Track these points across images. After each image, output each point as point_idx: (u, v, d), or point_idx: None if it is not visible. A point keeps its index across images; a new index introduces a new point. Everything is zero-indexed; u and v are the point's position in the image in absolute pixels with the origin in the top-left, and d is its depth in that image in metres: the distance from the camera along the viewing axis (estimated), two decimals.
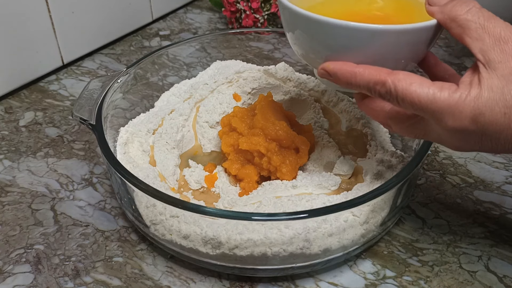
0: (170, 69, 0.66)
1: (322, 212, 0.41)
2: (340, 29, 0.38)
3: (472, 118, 0.35)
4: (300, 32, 0.42)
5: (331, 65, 0.40)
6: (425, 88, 0.36)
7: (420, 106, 0.36)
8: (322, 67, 0.40)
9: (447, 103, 0.35)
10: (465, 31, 0.37)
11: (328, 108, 0.60)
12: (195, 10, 0.96)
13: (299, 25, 0.41)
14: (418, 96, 0.36)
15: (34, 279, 0.46)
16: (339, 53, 0.40)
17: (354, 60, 0.39)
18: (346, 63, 0.39)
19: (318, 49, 0.41)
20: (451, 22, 0.38)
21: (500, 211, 0.52)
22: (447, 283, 0.45)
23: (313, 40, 0.41)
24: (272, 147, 0.50)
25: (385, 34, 0.38)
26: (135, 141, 0.54)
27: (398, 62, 0.40)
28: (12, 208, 0.53)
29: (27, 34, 0.69)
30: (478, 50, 0.36)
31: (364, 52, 0.39)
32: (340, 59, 0.40)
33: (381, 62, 0.39)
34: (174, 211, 0.43)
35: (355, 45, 0.39)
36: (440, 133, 0.38)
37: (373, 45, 0.39)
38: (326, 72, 0.40)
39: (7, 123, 0.66)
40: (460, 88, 0.36)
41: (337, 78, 0.40)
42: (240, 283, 0.45)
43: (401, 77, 0.36)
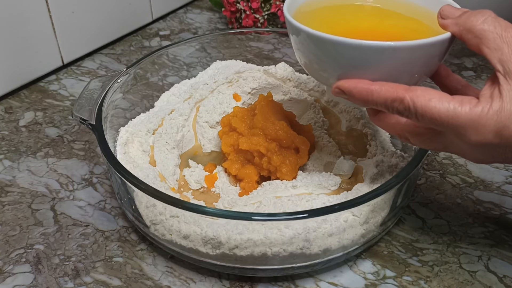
0: (170, 69, 0.66)
1: (322, 212, 0.41)
2: (354, 48, 0.38)
3: (496, 132, 0.35)
4: (312, 52, 0.42)
5: (346, 84, 0.39)
6: (445, 103, 0.35)
7: (441, 122, 0.36)
8: (337, 86, 0.40)
9: (469, 118, 0.35)
10: (483, 41, 0.36)
11: (328, 108, 0.60)
12: (195, 10, 0.96)
13: (311, 45, 0.41)
14: (438, 112, 0.35)
15: (34, 279, 0.46)
16: (352, 71, 0.39)
17: (368, 77, 0.39)
18: (361, 81, 0.39)
19: (331, 68, 0.41)
20: (467, 33, 0.37)
21: (500, 211, 0.52)
22: (447, 283, 0.45)
23: (326, 60, 0.41)
24: (272, 147, 0.50)
25: (400, 50, 0.38)
26: (135, 141, 0.54)
27: (412, 76, 0.40)
28: (12, 208, 0.53)
29: (27, 34, 0.69)
30: (497, 60, 0.35)
31: (379, 69, 0.39)
32: (353, 76, 0.39)
33: (395, 77, 0.39)
34: (174, 211, 0.43)
35: (369, 62, 0.38)
36: (462, 146, 0.37)
37: (388, 61, 0.38)
38: (341, 90, 0.40)
39: (7, 123, 0.66)
40: (481, 101, 0.35)
41: (353, 96, 0.39)
42: (240, 283, 0.45)
43: (420, 93, 0.36)
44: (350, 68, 0.39)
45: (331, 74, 0.42)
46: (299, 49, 0.43)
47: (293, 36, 0.43)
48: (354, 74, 0.39)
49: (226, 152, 0.52)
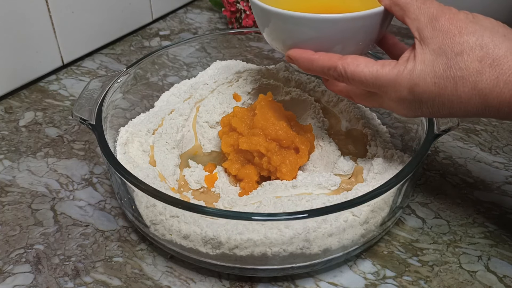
0: (170, 69, 0.66)
1: (322, 212, 0.41)
2: (297, 20, 0.43)
3: (409, 89, 0.40)
4: (267, 25, 0.47)
5: (293, 53, 0.45)
6: (369, 67, 0.41)
7: (367, 83, 0.41)
8: (287, 54, 0.46)
9: (388, 78, 0.40)
10: (406, 13, 0.41)
11: (328, 108, 0.60)
12: (195, 10, 0.96)
13: (265, 19, 0.47)
14: (364, 75, 0.41)
15: (34, 279, 0.46)
16: (300, 41, 0.45)
17: (316, 46, 0.44)
18: (305, 51, 0.45)
19: (281, 38, 0.47)
20: (395, 6, 0.42)
21: (500, 211, 0.52)
22: (447, 283, 0.45)
23: (277, 31, 0.46)
24: (272, 147, 0.50)
25: (338, 21, 0.43)
26: (135, 141, 0.54)
27: (357, 45, 0.45)
28: (12, 208, 0.53)
29: (27, 34, 0.69)
30: (415, 28, 0.40)
31: (323, 39, 0.44)
32: (302, 46, 0.45)
33: (342, 46, 0.44)
34: (174, 211, 0.43)
35: (312, 34, 0.44)
36: (389, 103, 0.43)
37: (329, 32, 0.43)
38: (289, 58, 0.46)
39: (7, 123, 0.66)
40: (399, 63, 0.40)
41: (299, 64, 0.45)
42: (240, 283, 0.45)
43: (350, 61, 0.42)
44: (297, 39, 0.45)
45: (283, 44, 0.47)
46: (257, 21, 0.49)
47: (254, 13, 0.49)
48: (302, 44, 0.45)
49: (226, 152, 0.52)
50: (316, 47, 0.44)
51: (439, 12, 0.40)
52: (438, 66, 0.39)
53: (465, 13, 0.40)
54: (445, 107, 0.40)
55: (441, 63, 0.39)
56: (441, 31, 0.39)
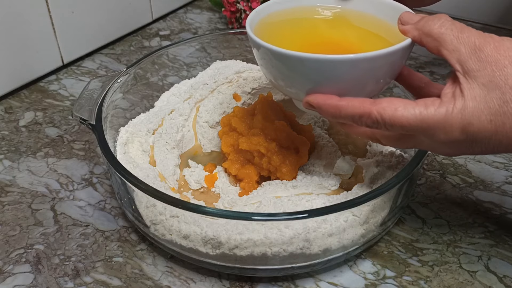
0: (170, 69, 0.66)
1: (322, 212, 0.41)
2: (320, 63, 0.39)
3: (462, 129, 0.36)
4: (277, 69, 0.42)
5: (314, 100, 0.41)
6: (410, 109, 0.37)
7: (411, 128, 0.37)
8: (307, 101, 0.41)
9: (436, 119, 0.36)
10: (442, 44, 0.38)
11: None
12: (195, 10, 0.96)
13: (275, 61, 0.42)
14: (407, 119, 0.37)
15: (34, 279, 0.46)
16: (319, 84, 0.40)
17: (336, 88, 0.40)
18: (330, 97, 0.40)
19: (297, 83, 0.42)
20: (426, 37, 0.39)
21: (500, 211, 0.52)
22: (447, 283, 0.45)
23: (292, 76, 0.41)
24: (272, 147, 0.50)
25: (365, 61, 0.39)
26: (135, 141, 0.54)
27: (377, 83, 0.42)
28: (12, 208, 0.53)
29: (27, 34, 0.69)
30: (456, 60, 0.37)
31: (345, 81, 0.40)
32: (321, 89, 0.41)
33: (361, 86, 0.41)
34: (174, 211, 0.43)
35: (334, 76, 0.40)
36: (432, 144, 0.39)
37: (354, 73, 0.40)
38: (309, 105, 0.41)
39: (7, 123, 0.66)
40: (444, 102, 0.37)
41: (322, 112, 0.41)
42: (240, 283, 0.45)
43: (385, 105, 0.38)
44: (316, 82, 0.40)
45: (297, 89, 0.43)
46: (264, 65, 0.44)
47: (256, 53, 0.44)
48: (320, 88, 0.40)
49: (226, 152, 0.52)
50: (336, 90, 0.40)
51: (481, 41, 0.36)
52: (492, 101, 0.35)
53: (510, 41, 0.37)
54: (502, 144, 0.37)
55: (495, 98, 0.35)
56: (489, 62, 0.36)
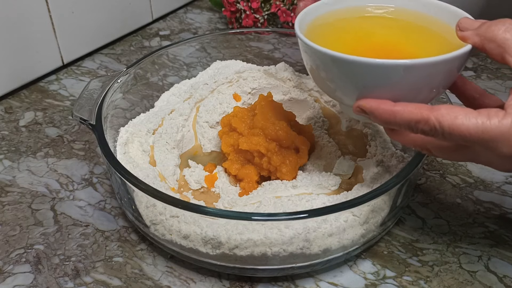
0: (170, 69, 0.66)
1: (322, 212, 0.41)
2: (376, 68, 0.37)
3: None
4: (328, 72, 0.41)
5: (367, 104, 0.38)
6: (472, 119, 0.35)
7: (471, 138, 0.35)
8: (358, 105, 0.39)
9: (500, 131, 0.34)
10: (506, 50, 0.36)
11: (328, 108, 0.60)
12: (195, 10, 0.96)
13: (328, 65, 0.40)
14: (467, 129, 0.35)
15: (34, 279, 0.46)
16: (372, 89, 0.39)
17: (389, 94, 0.38)
18: (384, 102, 0.38)
19: (349, 87, 0.40)
20: (489, 43, 0.37)
21: (500, 211, 0.52)
22: (447, 283, 0.45)
23: (345, 80, 0.40)
24: (272, 147, 0.50)
25: (423, 67, 0.37)
26: (135, 141, 0.54)
27: (431, 91, 0.40)
28: (12, 208, 0.53)
29: (27, 34, 0.69)
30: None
31: (399, 87, 0.38)
32: (373, 95, 0.39)
33: (415, 93, 0.39)
34: (174, 211, 0.43)
35: (390, 81, 0.38)
36: (491, 158, 0.38)
37: (410, 79, 0.38)
38: (362, 110, 0.39)
39: (7, 123, 0.66)
40: (509, 113, 0.35)
41: (375, 117, 0.38)
42: (240, 283, 0.45)
43: (444, 112, 0.35)
44: (370, 87, 0.39)
45: (348, 94, 0.41)
46: (314, 69, 0.43)
47: (306, 56, 0.43)
48: (373, 92, 0.39)
49: (226, 152, 0.52)
50: (389, 95, 0.38)
51: None
52: None
53: None
54: None
55: None
56: None
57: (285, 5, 0.80)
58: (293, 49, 0.73)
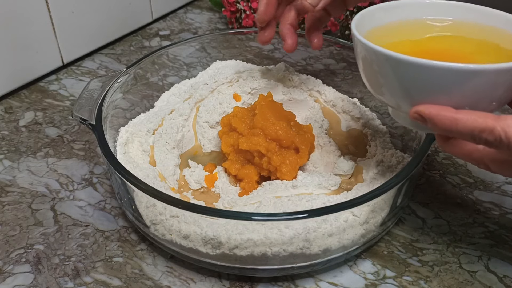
0: (170, 69, 0.66)
1: (322, 212, 0.41)
2: (442, 71, 0.35)
3: None
4: (386, 74, 0.39)
5: (426, 110, 0.36)
6: None
7: None
8: (416, 111, 0.37)
9: None
10: None
11: (328, 108, 0.60)
12: (195, 10, 0.96)
13: (386, 67, 0.38)
14: None
15: (34, 279, 0.46)
16: (433, 95, 0.37)
17: (448, 101, 0.36)
18: (445, 108, 0.36)
19: (407, 91, 0.38)
20: None
21: (500, 211, 0.52)
22: (447, 283, 0.45)
23: (404, 83, 0.38)
24: (272, 147, 0.50)
25: (492, 73, 0.35)
26: (135, 141, 0.54)
27: (490, 103, 0.38)
28: (12, 208, 0.53)
29: (27, 34, 0.69)
30: None
31: (463, 93, 0.36)
32: (431, 100, 0.37)
33: (474, 102, 0.37)
34: (174, 211, 0.43)
35: (453, 87, 0.36)
36: None
37: (473, 86, 0.36)
38: (420, 116, 0.37)
39: (7, 123, 0.66)
40: None
41: (434, 124, 0.36)
42: (240, 283, 0.45)
43: (511, 123, 0.33)
44: (431, 91, 0.37)
45: (405, 99, 0.39)
46: (371, 72, 0.41)
47: (362, 56, 0.41)
48: (432, 98, 0.37)
49: (226, 152, 0.52)
50: (451, 102, 0.36)
51: None
52: None
53: None
54: None
55: None
56: None
57: None
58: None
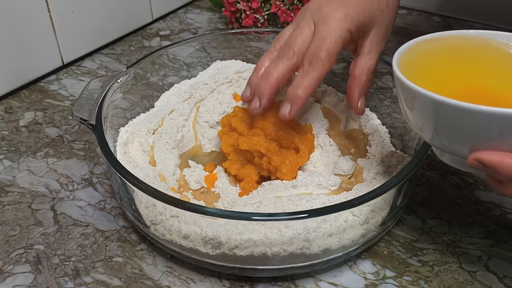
0: (170, 69, 0.66)
1: (322, 212, 0.41)
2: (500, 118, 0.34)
3: None
4: (440, 121, 0.37)
5: (488, 157, 0.35)
6: None
7: None
8: (476, 158, 0.35)
9: None
10: None
11: (328, 108, 0.60)
12: (195, 10, 0.96)
13: (443, 114, 0.36)
14: None
15: (34, 279, 0.46)
16: (491, 141, 0.35)
17: (504, 146, 0.35)
18: (509, 156, 0.34)
19: (464, 138, 0.36)
20: None
21: (500, 211, 0.52)
22: (447, 283, 0.45)
23: (461, 130, 0.36)
24: (272, 147, 0.50)
25: None
26: (135, 141, 0.54)
27: None
28: (12, 208, 0.53)
29: (27, 34, 0.69)
30: None
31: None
32: (488, 146, 0.35)
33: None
34: (174, 211, 0.43)
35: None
36: None
37: None
38: (480, 163, 0.35)
39: (7, 123, 0.66)
40: None
41: (497, 171, 0.35)
42: (240, 283, 0.45)
43: None
44: (490, 138, 0.35)
45: (461, 144, 0.37)
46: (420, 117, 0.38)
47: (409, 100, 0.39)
48: (489, 144, 0.35)
49: (226, 152, 0.52)
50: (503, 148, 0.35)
51: None
52: None
53: None
54: None
55: None
56: None
57: (285, 5, 0.80)
58: None
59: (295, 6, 0.79)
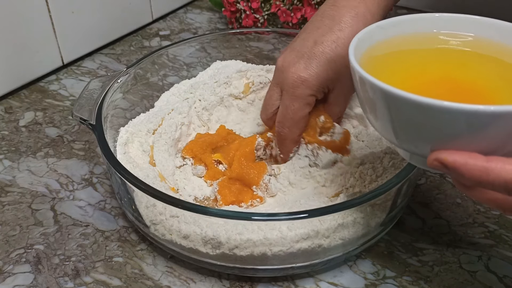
0: (170, 69, 0.66)
1: (322, 212, 0.41)
2: (461, 115, 0.30)
3: None
4: (399, 118, 0.33)
5: (450, 157, 0.31)
6: None
7: None
8: (438, 159, 0.31)
9: None
10: None
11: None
12: (195, 10, 0.96)
13: (401, 110, 0.33)
14: None
15: (34, 279, 0.46)
16: (453, 139, 0.31)
17: (468, 146, 0.31)
18: (474, 156, 0.31)
19: (424, 136, 0.33)
20: None
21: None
22: (447, 283, 0.45)
23: (421, 128, 0.32)
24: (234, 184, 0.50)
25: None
26: (135, 141, 0.54)
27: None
28: (12, 208, 0.53)
29: (27, 34, 0.69)
30: None
31: (488, 138, 0.31)
32: (452, 145, 0.32)
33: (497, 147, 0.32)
34: (174, 211, 0.43)
35: (482, 130, 0.31)
36: None
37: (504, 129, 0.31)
38: (442, 164, 0.31)
39: (7, 123, 0.66)
40: None
41: (461, 174, 0.31)
42: (240, 283, 0.45)
43: None
44: (452, 136, 0.31)
45: (422, 143, 0.33)
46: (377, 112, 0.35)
47: (367, 96, 0.35)
48: (453, 143, 0.32)
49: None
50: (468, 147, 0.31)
51: None
52: None
53: None
54: None
55: None
56: None
57: (285, 5, 0.80)
58: None
59: (295, 6, 0.79)
